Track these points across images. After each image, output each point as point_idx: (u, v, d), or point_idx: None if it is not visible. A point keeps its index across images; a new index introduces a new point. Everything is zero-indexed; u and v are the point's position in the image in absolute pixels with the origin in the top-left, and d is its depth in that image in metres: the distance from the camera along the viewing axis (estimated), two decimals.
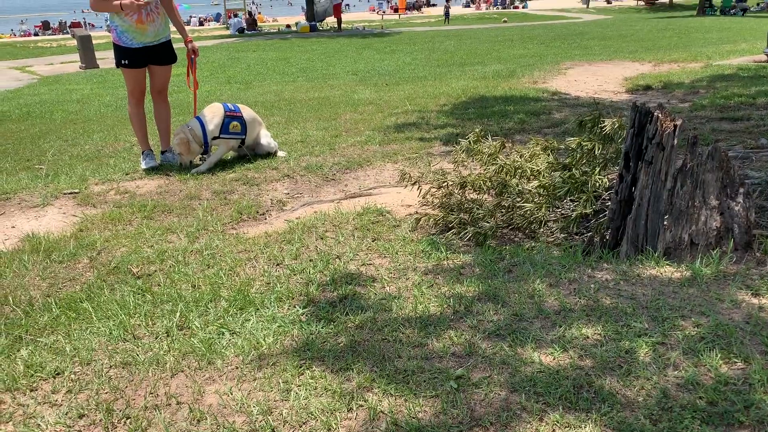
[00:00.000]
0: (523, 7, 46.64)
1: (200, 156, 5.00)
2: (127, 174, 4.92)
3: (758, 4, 34.25)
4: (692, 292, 2.41)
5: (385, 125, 6.33)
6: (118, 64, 4.86)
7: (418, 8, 48.15)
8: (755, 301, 2.33)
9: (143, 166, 5.03)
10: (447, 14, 34.19)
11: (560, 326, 2.22)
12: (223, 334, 2.38)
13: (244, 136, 5.00)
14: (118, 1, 4.54)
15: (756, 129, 5.23)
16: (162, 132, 5.21)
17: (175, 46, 5.05)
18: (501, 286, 2.56)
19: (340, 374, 2.06)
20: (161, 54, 4.92)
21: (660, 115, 2.71)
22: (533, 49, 16.04)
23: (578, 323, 2.23)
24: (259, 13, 43.94)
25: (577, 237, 3.29)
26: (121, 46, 4.78)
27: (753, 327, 2.14)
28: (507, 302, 2.43)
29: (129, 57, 4.79)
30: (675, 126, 2.70)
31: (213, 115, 4.88)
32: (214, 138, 4.88)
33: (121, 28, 4.73)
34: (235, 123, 4.92)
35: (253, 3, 57.74)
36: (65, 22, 43.64)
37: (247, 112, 5.05)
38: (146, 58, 4.86)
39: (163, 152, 5.23)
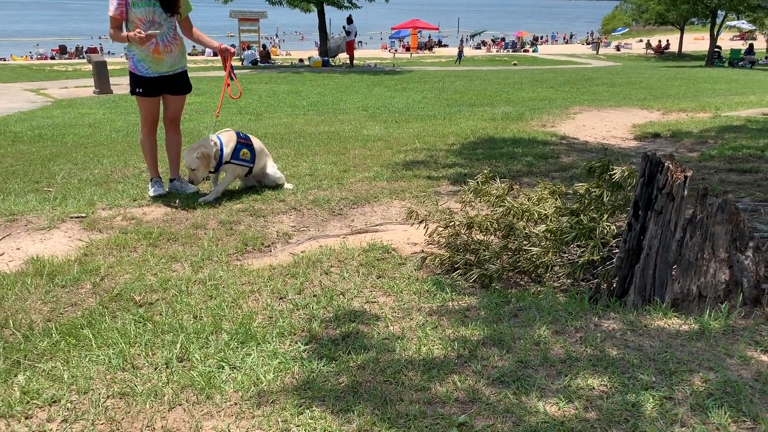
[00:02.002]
0: (533, 51, 47.31)
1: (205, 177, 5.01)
2: (134, 200, 4.93)
3: (767, 57, 34.65)
4: (700, 346, 2.37)
5: (393, 162, 6.36)
6: (133, 92, 4.92)
7: (430, 48, 48.90)
8: (764, 358, 2.29)
9: (151, 193, 5.04)
10: (460, 55, 34.62)
11: (566, 375, 2.18)
12: (223, 368, 2.35)
13: (252, 165, 5.06)
14: (125, 33, 4.63)
15: (765, 181, 5.22)
16: (172, 160, 5.24)
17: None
18: (506, 331, 2.53)
19: (341, 416, 2.02)
20: (176, 84, 4.98)
21: (671, 165, 2.71)
22: (542, 93, 16.20)
23: (584, 373, 2.19)
24: (273, 46, 44.59)
25: (583, 283, 3.27)
26: (137, 74, 4.84)
27: (762, 385, 2.10)
28: (512, 348, 2.39)
29: (144, 86, 4.85)
30: (685, 177, 2.70)
31: (228, 139, 4.95)
32: (226, 162, 4.91)
33: (138, 57, 4.79)
34: (245, 150, 4.98)
35: (276, 36, 58.81)
36: (82, 47, 44.23)
37: (256, 143, 5.14)
38: (161, 88, 4.91)
39: (171, 180, 5.25)
